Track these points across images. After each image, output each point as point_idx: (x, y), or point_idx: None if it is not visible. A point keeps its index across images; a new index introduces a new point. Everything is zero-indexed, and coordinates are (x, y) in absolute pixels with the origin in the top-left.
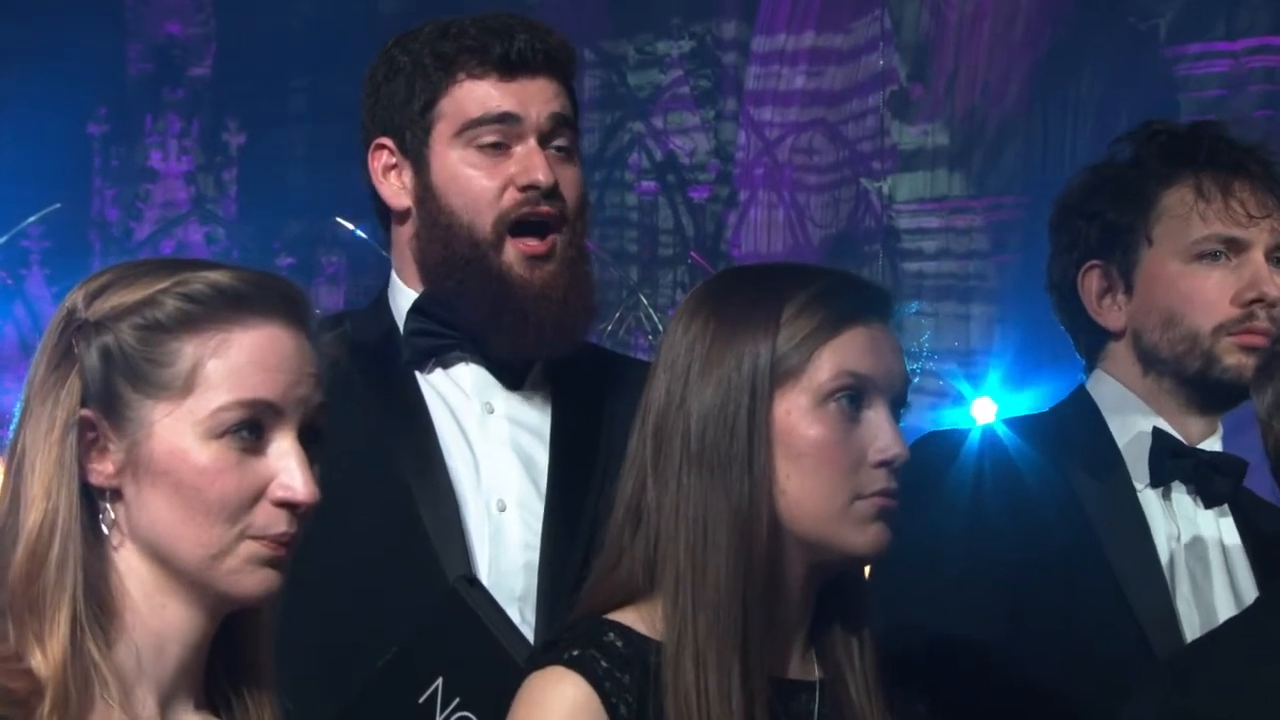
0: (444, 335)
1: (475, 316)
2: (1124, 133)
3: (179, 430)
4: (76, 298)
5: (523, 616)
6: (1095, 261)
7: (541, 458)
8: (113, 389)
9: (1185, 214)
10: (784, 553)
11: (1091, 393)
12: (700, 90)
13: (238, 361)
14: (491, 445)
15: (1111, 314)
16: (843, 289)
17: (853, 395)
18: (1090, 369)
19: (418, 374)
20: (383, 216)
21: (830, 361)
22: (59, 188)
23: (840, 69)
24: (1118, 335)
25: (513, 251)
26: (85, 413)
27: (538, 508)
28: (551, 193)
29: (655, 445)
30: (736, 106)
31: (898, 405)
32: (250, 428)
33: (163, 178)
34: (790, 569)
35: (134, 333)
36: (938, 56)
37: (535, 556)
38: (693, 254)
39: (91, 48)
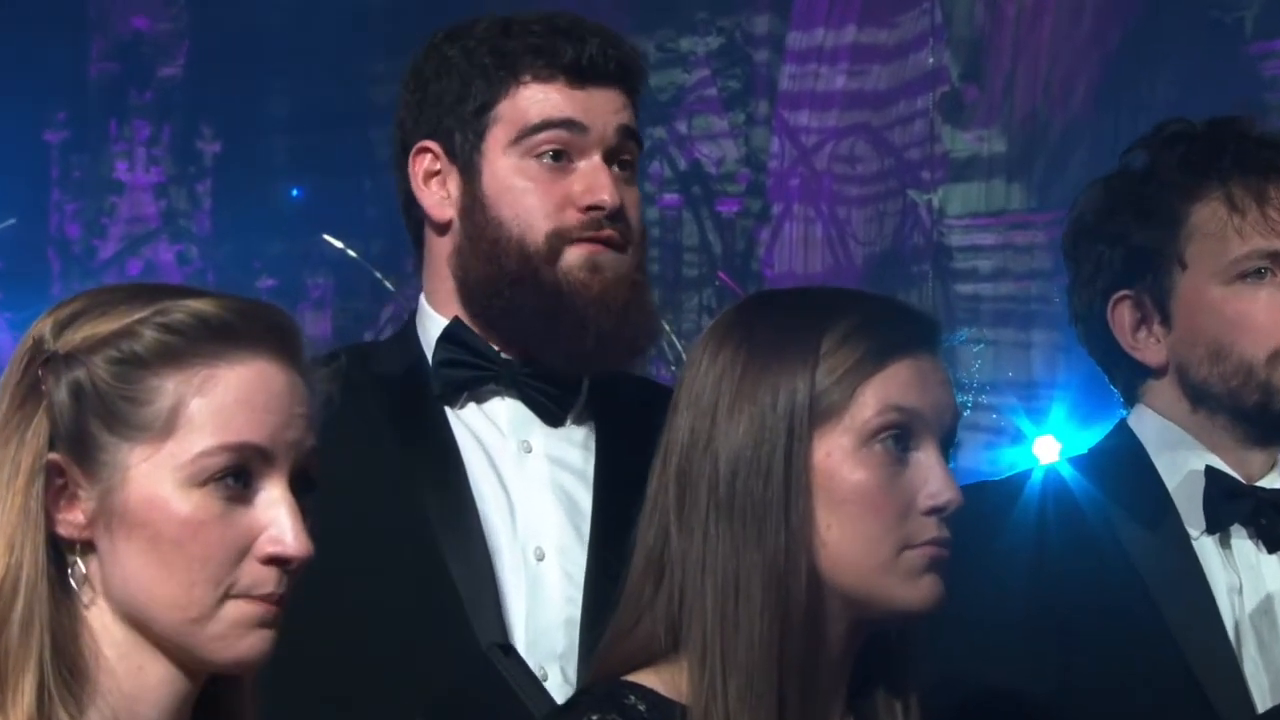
0: (477, 366)
1: (528, 331)
2: (1138, 138)
3: (158, 477)
4: (44, 327)
5: (564, 676)
6: (1124, 291)
7: (585, 501)
8: (84, 430)
9: (1219, 231)
10: (824, 610)
11: (1134, 428)
12: (729, 92)
13: (224, 400)
14: (529, 487)
15: (1149, 348)
16: (887, 317)
17: (899, 435)
18: (1130, 403)
19: (448, 409)
20: (416, 230)
21: (875, 398)
22: (13, 202)
23: (885, 68)
24: (1159, 371)
25: (572, 255)
26: (53, 457)
27: (580, 557)
28: (615, 215)
29: (679, 491)
30: (769, 110)
31: (948, 443)
32: (237, 475)
33: (129, 190)
34: (831, 627)
35: (109, 367)
36: (994, 54)
37: (577, 611)
38: (720, 274)
39: (48, 45)
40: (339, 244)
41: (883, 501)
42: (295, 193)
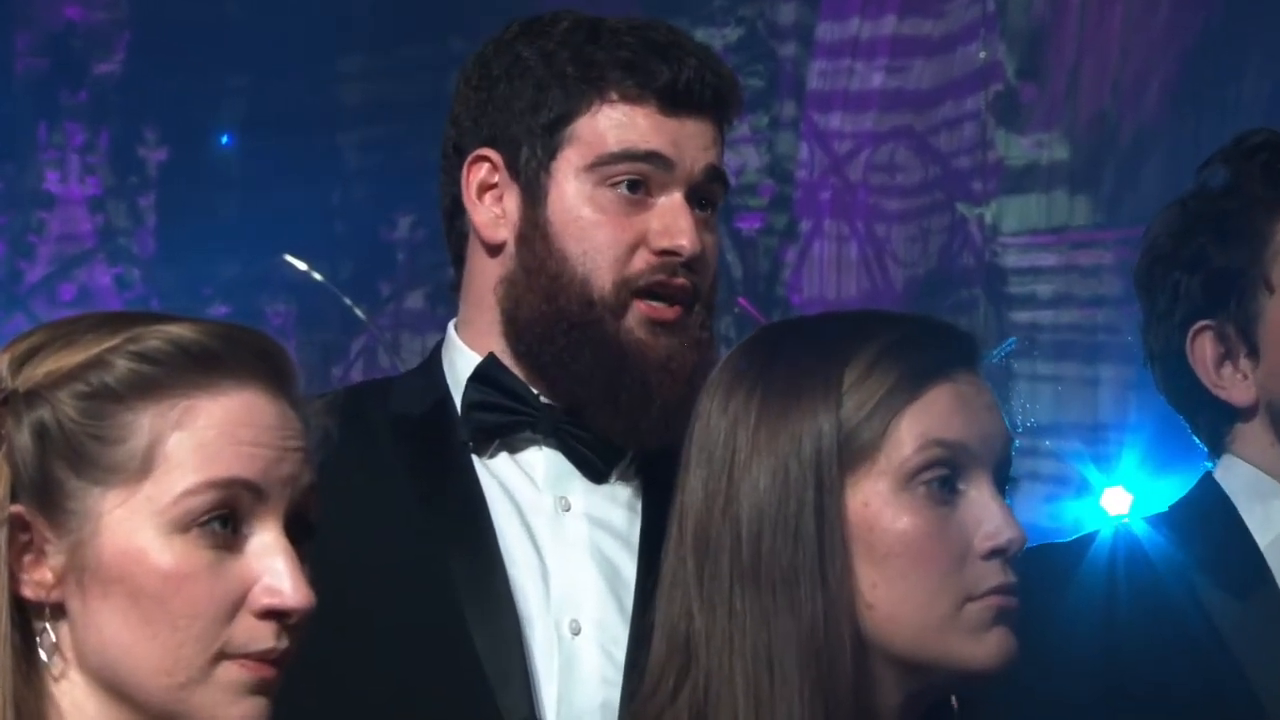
0: (512, 410)
1: (585, 389)
2: (1216, 151)
3: (135, 524)
4: (0, 364)
5: None
6: (1205, 321)
7: (628, 569)
8: (50, 476)
9: None
10: (873, 681)
11: (1221, 483)
12: (751, 91)
13: (206, 434)
14: (566, 551)
15: (1236, 386)
16: (917, 337)
17: (945, 472)
18: (1216, 454)
19: (476, 458)
20: (457, 244)
21: (912, 432)
22: None
23: (930, 63)
24: (1247, 411)
25: (638, 314)
26: (16, 508)
27: (620, 632)
28: (692, 263)
29: (698, 561)
30: (797, 112)
31: (1002, 476)
32: (225, 517)
33: (61, 204)
34: (882, 700)
35: (76, 403)
36: (1055, 47)
37: (616, 694)
38: (741, 300)
39: None
40: (302, 266)
41: (934, 550)
42: (225, 140)
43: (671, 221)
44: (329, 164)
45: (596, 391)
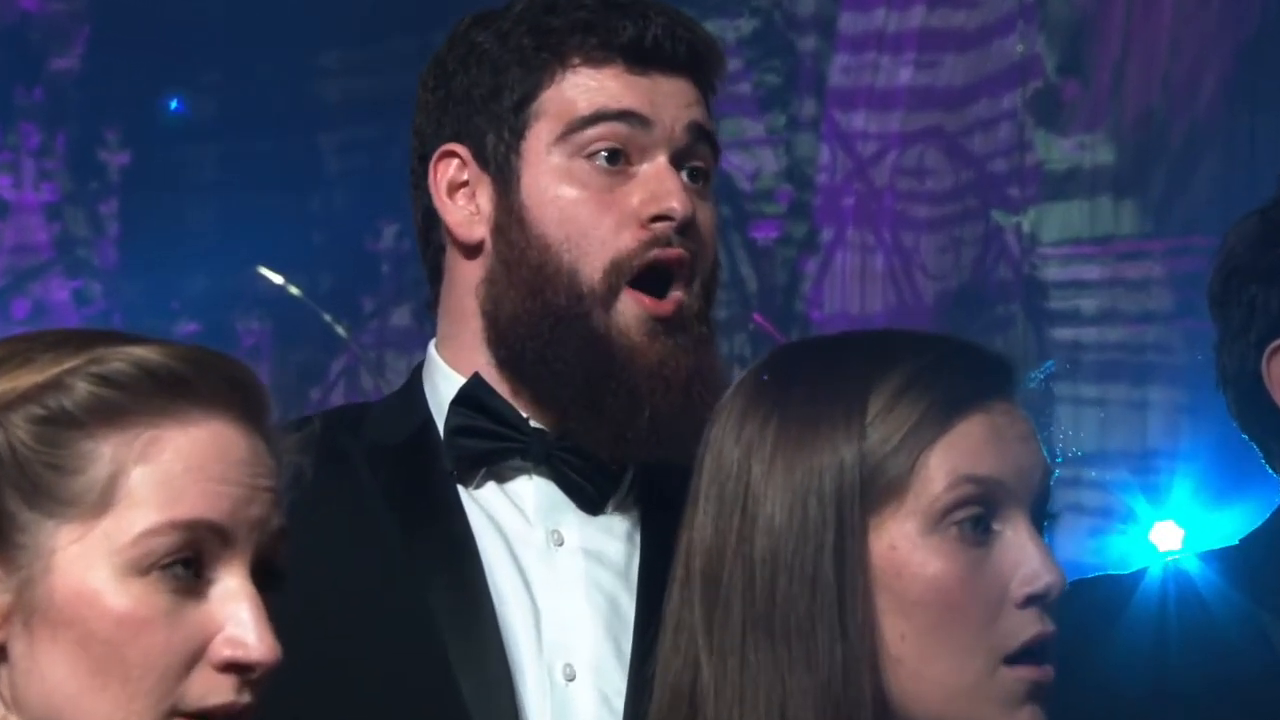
0: (500, 435)
1: (566, 390)
2: None
3: (90, 563)
4: None
5: None
6: None
7: (627, 608)
8: (0, 506)
9: None
10: None
11: None
12: (767, 88)
13: (172, 469)
14: (559, 589)
15: None
16: (949, 362)
17: (979, 511)
18: None
19: (461, 488)
20: (434, 259)
21: (943, 468)
22: None
23: (962, 57)
24: None
25: (631, 307)
26: None
27: (618, 678)
28: (686, 228)
29: (706, 606)
30: (817, 110)
31: (1040, 513)
32: (187, 561)
33: (15, 212)
34: None
35: (31, 428)
36: (1100, 39)
37: None
38: (756, 316)
39: None
40: (278, 279)
41: (968, 598)
42: (175, 105)
43: (657, 186)
44: (307, 167)
45: (578, 393)
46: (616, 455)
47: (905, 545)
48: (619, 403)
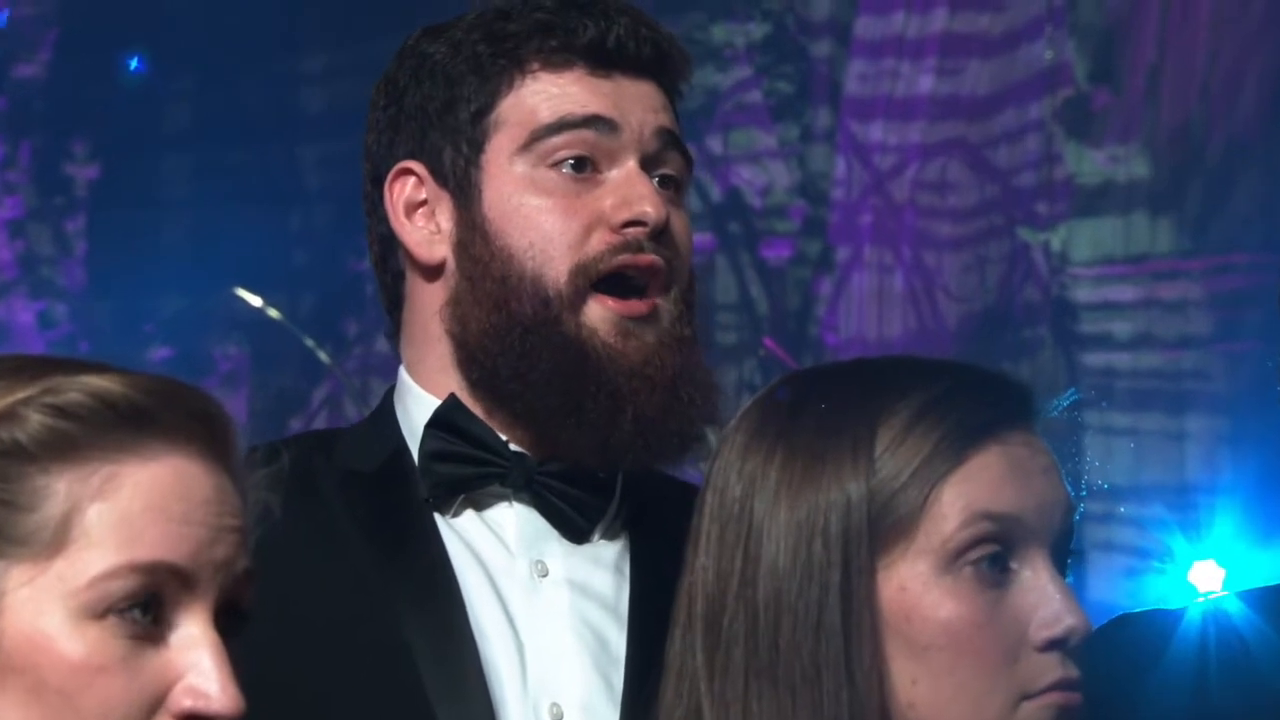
0: (479, 459)
1: (544, 401)
2: None
3: (42, 606)
4: None
5: None
6: None
7: (616, 642)
8: None
9: None
10: None
11: None
12: (778, 97)
13: (130, 507)
14: (544, 623)
15: None
16: (963, 390)
17: (996, 549)
18: None
19: (438, 517)
20: (394, 285)
21: (957, 504)
22: None
23: (987, 64)
24: None
25: (598, 311)
26: None
27: (610, 717)
28: (660, 235)
29: (708, 652)
30: (832, 121)
31: (1062, 552)
32: (146, 605)
33: None
34: None
35: None
36: (1133, 45)
37: None
38: (767, 341)
39: None
40: (256, 300)
41: (983, 642)
42: (134, 65)
43: (628, 190)
44: (288, 181)
45: (557, 402)
46: (602, 463)
47: (916, 587)
48: (599, 407)
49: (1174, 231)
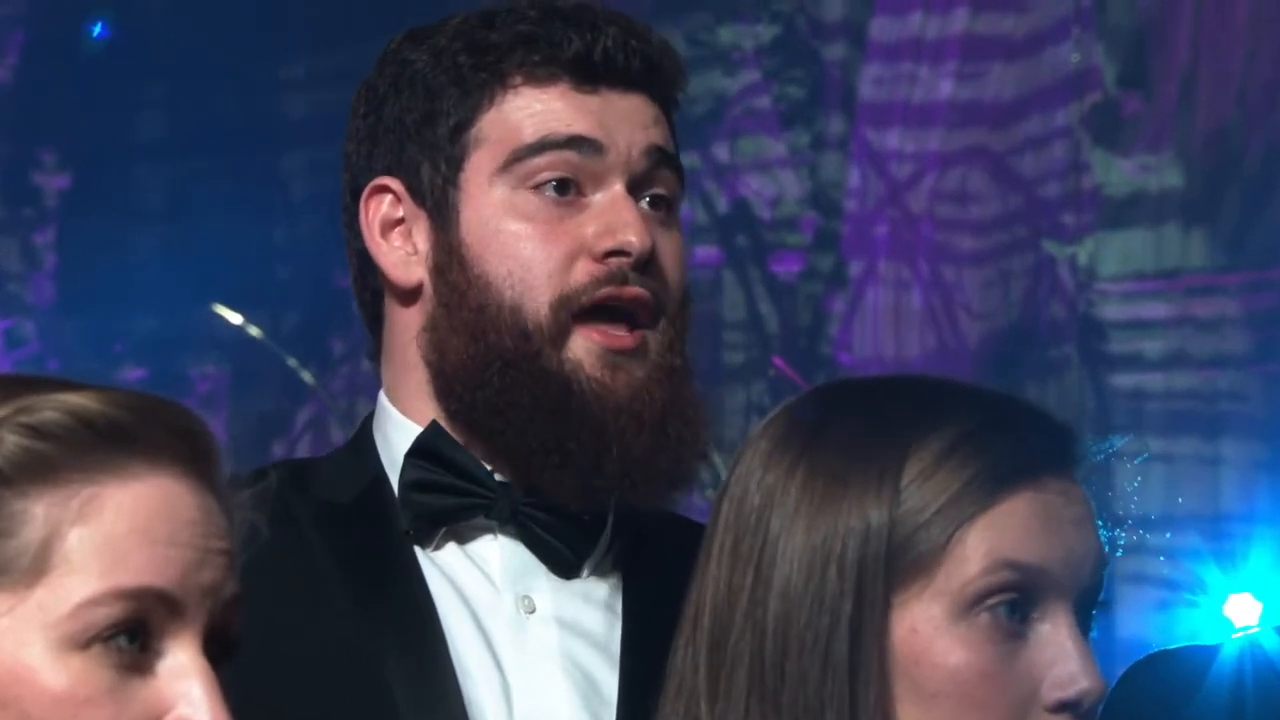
0: (462, 490)
1: (526, 441)
2: None
3: (23, 636)
4: None
5: None
6: None
7: (608, 684)
8: None
9: None
10: None
11: None
12: (789, 102)
13: (114, 531)
14: (531, 663)
15: None
16: (1002, 426)
17: (1015, 597)
18: None
19: (419, 551)
20: (373, 304)
21: (981, 549)
22: None
23: (1010, 68)
24: None
25: (582, 344)
26: None
27: None
28: (646, 265)
29: (711, 669)
30: (846, 128)
31: (1087, 609)
32: (133, 633)
33: None
34: None
35: None
36: (1166, 47)
37: None
38: (776, 361)
39: None
40: (236, 318)
41: (991, 696)
42: (98, 31)
43: (613, 217)
44: (270, 191)
45: (538, 441)
46: (586, 504)
47: (928, 630)
48: (584, 446)
49: (1209, 244)
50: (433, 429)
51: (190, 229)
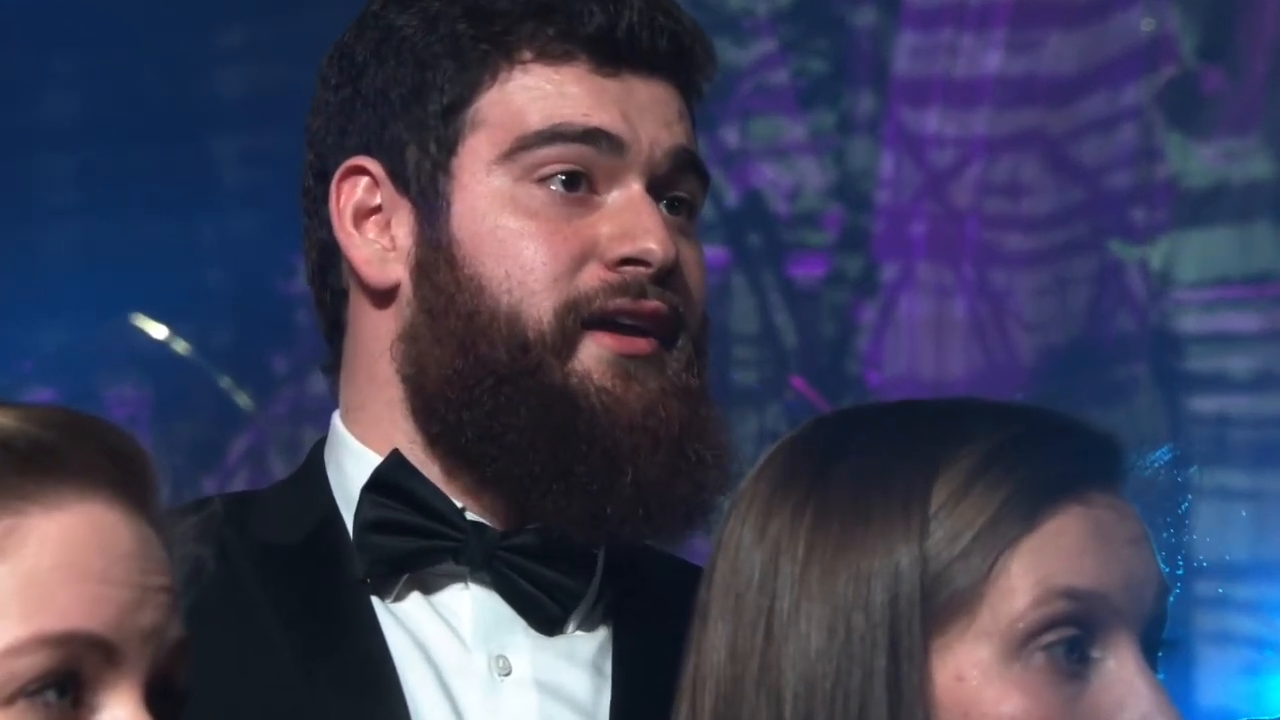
0: (428, 530)
1: (523, 467)
2: None
3: None
4: None
5: None
6: None
7: None
8: None
9: None
10: None
11: None
12: (810, 77)
13: (37, 567)
14: None
15: None
16: (1036, 438)
17: (1074, 633)
18: None
19: (377, 602)
20: (334, 306)
21: (1028, 577)
22: None
23: (1070, 37)
24: None
25: (592, 350)
26: None
27: None
28: (666, 276)
29: None
30: (876, 107)
31: (1153, 638)
32: (62, 685)
33: None
34: None
35: None
36: (1253, 14)
37: None
38: (795, 380)
39: None
40: (160, 331)
41: None
42: None
43: (631, 220)
44: (199, 184)
45: (539, 468)
46: (592, 537)
47: (976, 676)
48: (593, 470)
49: None
50: (394, 459)
51: (105, 229)
